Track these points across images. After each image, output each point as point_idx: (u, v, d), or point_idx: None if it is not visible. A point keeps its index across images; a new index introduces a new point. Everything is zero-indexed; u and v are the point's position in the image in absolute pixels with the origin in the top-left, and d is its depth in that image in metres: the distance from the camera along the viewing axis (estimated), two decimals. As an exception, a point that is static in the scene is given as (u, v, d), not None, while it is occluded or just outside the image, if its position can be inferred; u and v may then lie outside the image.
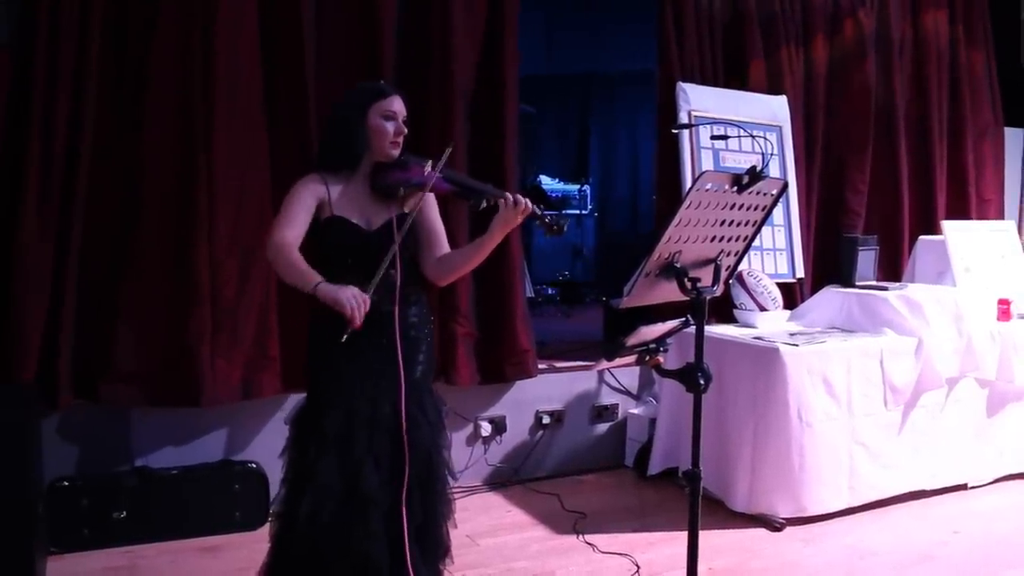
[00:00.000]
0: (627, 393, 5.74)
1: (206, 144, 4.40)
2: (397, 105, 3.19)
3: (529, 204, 3.04)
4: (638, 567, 4.07)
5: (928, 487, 5.06)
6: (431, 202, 3.28)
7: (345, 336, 2.90)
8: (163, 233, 4.39)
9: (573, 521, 4.64)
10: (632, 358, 3.12)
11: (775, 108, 6.05)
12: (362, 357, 3.15)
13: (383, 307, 3.11)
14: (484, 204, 3.09)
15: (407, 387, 3.13)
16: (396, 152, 3.18)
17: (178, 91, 4.39)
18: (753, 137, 4.27)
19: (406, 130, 3.20)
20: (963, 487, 5.23)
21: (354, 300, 2.89)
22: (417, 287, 3.30)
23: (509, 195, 3.04)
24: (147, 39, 4.34)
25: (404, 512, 3.10)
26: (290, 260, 3.02)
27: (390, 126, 3.16)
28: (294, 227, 3.08)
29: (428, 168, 3.14)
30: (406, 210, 3.17)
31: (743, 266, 4.95)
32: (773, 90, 6.13)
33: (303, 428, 3.24)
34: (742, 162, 5.58)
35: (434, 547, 3.31)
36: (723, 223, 3.01)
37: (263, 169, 4.58)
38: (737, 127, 4.53)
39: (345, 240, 3.12)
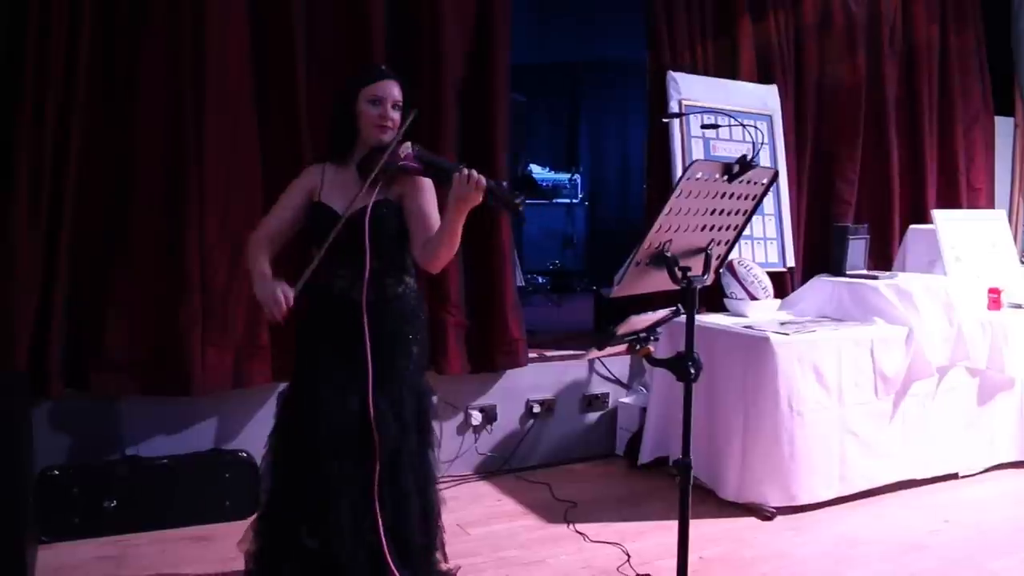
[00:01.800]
0: (618, 382, 5.74)
1: (196, 139, 4.39)
2: (385, 90, 3.16)
3: (483, 179, 2.90)
4: (628, 556, 4.07)
5: (919, 476, 5.06)
6: (420, 185, 3.19)
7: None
8: (153, 226, 4.38)
9: (564, 510, 4.65)
10: (623, 347, 3.13)
11: (766, 97, 6.04)
12: (335, 347, 3.14)
13: (353, 295, 3.10)
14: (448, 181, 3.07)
15: (382, 381, 3.10)
16: (386, 137, 3.14)
17: (168, 86, 4.37)
18: (744, 126, 4.26)
19: (394, 115, 3.17)
20: (954, 476, 5.23)
21: (270, 300, 3.01)
22: (401, 277, 3.25)
23: (465, 169, 2.92)
24: (137, 35, 4.33)
25: (377, 508, 3.08)
26: (247, 253, 3.23)
27: (375, 111, 3.14)
28: (269, 222, 3.27)
29: (408, 148, 3.12)
30: (391, 197, 3.15)
31: (733, 255, 4.95)
32: (764, 79, 6.12)
33: (282, 413, 3.26)
34: (733, 151, 5.58)
35: (404, 545, 3.20)
36: (714, 212, 3.02)
37: (253, 164, 4.57)
38: (728, 116, 4.52)
39: (319, 225, 3.12)
